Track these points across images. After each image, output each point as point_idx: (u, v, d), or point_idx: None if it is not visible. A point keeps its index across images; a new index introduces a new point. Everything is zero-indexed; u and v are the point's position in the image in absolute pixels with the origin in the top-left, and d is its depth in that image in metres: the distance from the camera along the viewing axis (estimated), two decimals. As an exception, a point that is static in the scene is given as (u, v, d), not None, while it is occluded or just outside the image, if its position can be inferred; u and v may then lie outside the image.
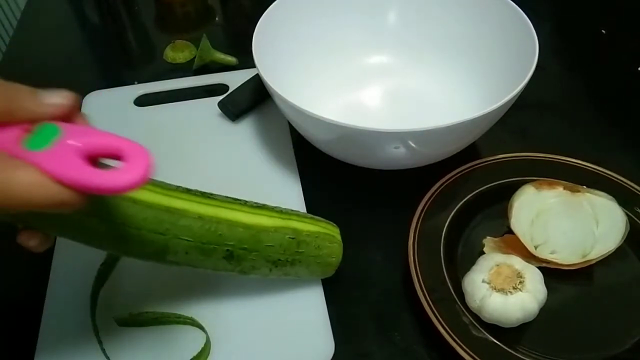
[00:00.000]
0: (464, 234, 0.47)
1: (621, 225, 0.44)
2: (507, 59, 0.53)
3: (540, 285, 0.41)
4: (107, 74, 0.70)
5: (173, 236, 0.35)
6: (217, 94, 0.61)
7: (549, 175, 0.49)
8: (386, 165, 0.51)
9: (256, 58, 0.49)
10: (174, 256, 0.36)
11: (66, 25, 0.78)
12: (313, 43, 0.59)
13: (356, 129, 0.42)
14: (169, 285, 0.44)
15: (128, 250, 0.36)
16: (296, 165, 0.54)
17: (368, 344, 0.43)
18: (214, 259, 0.38)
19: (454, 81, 0.59)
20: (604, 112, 0.61)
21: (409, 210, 0.47)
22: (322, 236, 0.42)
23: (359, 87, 0.61)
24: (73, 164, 0.25)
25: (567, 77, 0.66)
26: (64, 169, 0.25)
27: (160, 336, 0.42)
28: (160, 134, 0.57)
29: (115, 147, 0.26)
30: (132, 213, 0.34)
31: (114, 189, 0.25)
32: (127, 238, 0.34)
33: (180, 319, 0.42)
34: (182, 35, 0.71)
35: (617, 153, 0.56)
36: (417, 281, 0.42)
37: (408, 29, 0.61)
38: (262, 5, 0.54)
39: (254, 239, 0.38)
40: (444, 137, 0.45)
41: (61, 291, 0.45)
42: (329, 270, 0.43)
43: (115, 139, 0.27)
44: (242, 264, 0.39)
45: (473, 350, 0.38)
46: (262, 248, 0.39)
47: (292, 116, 0.49)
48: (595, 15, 0.74)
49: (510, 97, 0.44)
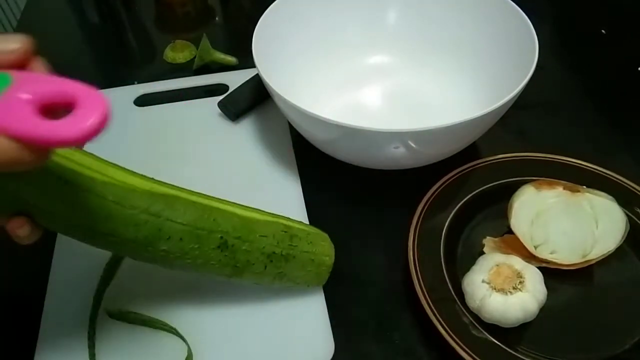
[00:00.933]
0: (464, 234, 0.47)
1: (621, 225, 0.44)
2: (507, 59, 0.53)
3: (540, 285, 0.41)
4: (107, 74, 0.70)
5: (166, 218, 0.35)
6: (217, 94, 0.61)
7: (549, 175, 0.49)
8: (386, 165, 0.51)
9: (256, 58, 0.49)
10: (167, 244, 0.35)
11: (66, 25, 0.78)
12: (313, 43, 0.60)
13: (356, 129, 0.43)
14: (168, 292, 0.44)
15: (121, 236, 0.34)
16: (296, 165, 0.54)
17: (368, 344, 0.43)
18: (207, 248, 0.37)
19: (454, 81, 0.59)
20: (604, 112, 0.61)
21: (409, 210, 0.47)
22: (314, 234, 0.42)
23: (358, 87, 0.61)
24: (22, 116, 0.23)
25: (567, 77, 0.66)
26: (12, 122, 0.23)
27: (153, 342, 0.42)
28: (160, 134, 0.57)
29: (68, 94, 0.24)
30: (125, 194, 0.34)
31: (65, 140, 0.23)
32: (120, 218, 0.34)
33: (166, 327, 0.42)
34: (182, 35, 0.71)
35: (617, 153, 0.56)
36: (417, 281, 0.42)
37: (408, 29, 0.61)
38: (262, 5, 0.54)
39: (248, 229, 0.38)
40: (444, 137, 0.45)
41: (61, 291, 0.45)
42: (324, 272, 0.43)
43: (68, 85, 0.25)
44: (237, 256, 0.38)
45: (473, 350, 0.38)
46: (256, 239, 0.38)
47: (292, 116, 0.49)
48: (595, 15, 0.74)
49: (510, 97, 0.44)
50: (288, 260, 0.40)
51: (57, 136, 0.23)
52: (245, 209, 0.40)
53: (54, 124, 0.23)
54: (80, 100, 0.24)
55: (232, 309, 0.43)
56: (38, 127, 0.23)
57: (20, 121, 0.23)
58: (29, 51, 0.26)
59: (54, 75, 0.25)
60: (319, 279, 0.43)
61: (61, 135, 0.23)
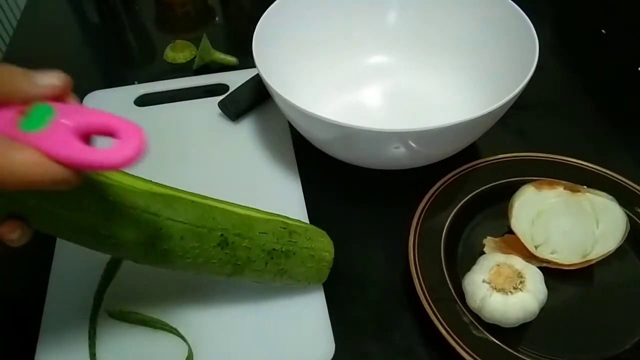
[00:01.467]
0: (464, 234, 0.47)
1: (621, 225, 0.44)
2: (507, 59, 0.53)
3: (541, 285, 0.41)
4: (107, 74, 0.70)
5: (167, 217, 0.35)
6: (217, 94, 0.61)
7: (549, 175, 0.49)
8: (386, 165, 0.51)
9: (256, 58, 0.49)
10: (168, 243, 0.36)
11: (66, 25, 0.78)
12: (313, 43, 0.59)
13: (356, 128, 0.42)
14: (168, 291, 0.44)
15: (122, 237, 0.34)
16: (296, 165, 0.54)
17: (368, 344, 0.43)
18: (208, 246, 0.37)
19: (454, 81, 0.59)
20: (604, 112, 0.61)
21: (409, 210, 0.47)
22: (312, 230, 0.43)
23: (359, 87, 0.61)
24: (68, 143, 0.26)
25: (567, 77, 0.66)
26: (60, 148, 0.26)
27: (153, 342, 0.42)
28: (160, 134, 0.57)
29: (108, 124, 0.27)
30: (125, 194, 0.34)
31: (108, 166, 0.26)
32: (120, 217, 0.34)
33: (166, 327, 0.42)
34: (182, 35, 0.71)
35: (617, 153, 0.56)
36: (417, 281, 0.42)
37: (408, 29, 0.61)
38: (262, 5, 0.54)
39: (247, 226, 0.38)
40: (444, 137, 0.45)
41: (61, 291, 0.45)
42: (324, 269, 0.43)
43: (107, 117, 0.27)
44: (237, 254, 0.38)
45: (473, 350, 0.38)
46: (256, 235, 0.39)
47: (292, 116, 0.49)
48: (595, 15, 0.74)
49: (510, 97, 0.44)
50: (288, 256, 0.40)
51: (105, 162, 0.26)
52: (243, 208, 0.40)
53: (99, 151, 0.26)
54: (119, 129, 0.27)
55: (232, 308, 0.43)
56: (83, 152, 0.26)
57: (68, 147, 0.26)
58: (67, 86, 0.28)
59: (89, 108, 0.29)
60: (320, 276, 0.43)
61: (109, 160, 0.26)
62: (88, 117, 0.27)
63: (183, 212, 0.36)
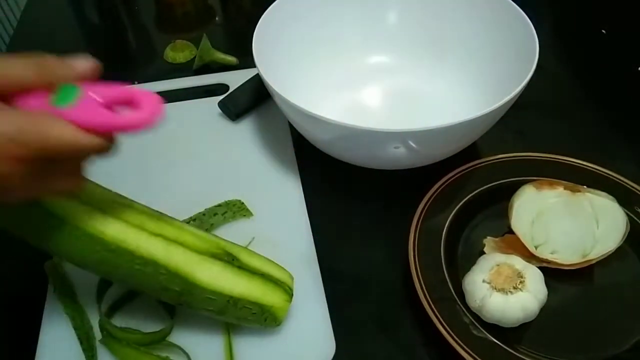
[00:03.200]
0: (464, 234, 0.47)
1: (621, 225, 0.44)
2: (507, 59, 0.53)
3: (541, 285, 0.41)
4: (107, 74, 0.70)
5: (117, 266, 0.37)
6: (217, 94, 0.61)
7: (549, 175, 0.49)
8: (386, 165, 0.51)
9: (256, 58, 0.49)
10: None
11: (66, 25, 0.78)
12: (313, 43, 0.59)
13: (356, 128, 0.42)
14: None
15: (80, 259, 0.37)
16: (296, 165, 0.54)
17: (368, 343, 0.43)
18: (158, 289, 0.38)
19: (454, 81, 0.59)
20: (604, 112, 0.61)
21: (409, 210, 0.47)
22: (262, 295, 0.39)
23: (359, 87, 0.61)
24: (98, 113, 0.30)
25: (567, 77, 0.66)
26: (92, 118, 0.30)
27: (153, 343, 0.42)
28: (160, 134, 0.57)
29: (128, 94, 0.31)
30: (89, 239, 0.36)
31: (135, 126, 0.30)
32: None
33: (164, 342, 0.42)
34: (182, 35, 0.71)
35: (617, 153, 0.56)
36: (417, 281, 0.42)
37: (408, 29, 0.61)
38: (262, 5, 0.54)
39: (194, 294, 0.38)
40: (444, 137, 0.45)
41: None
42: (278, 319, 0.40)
43: (127, 88, 0.32)
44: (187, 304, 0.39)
45: (473, 350, 0.38)
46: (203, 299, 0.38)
47: (292, 116, 0.49)
48: (595, 15, 0.74)
49: (510, 97, 0.44)
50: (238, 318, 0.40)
51: (132, 123, 0.30)
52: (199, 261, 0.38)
53: (127, 116, 0.31)
54: (138, 98, 0.31)
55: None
56: (112, 118, 0.30)
57: (98, 115, 0.30)
58: (98, 68, 0.32)
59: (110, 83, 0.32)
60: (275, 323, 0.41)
61: (135, 122, 0.30)
62: (110, 90, 0.31)
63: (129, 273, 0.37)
